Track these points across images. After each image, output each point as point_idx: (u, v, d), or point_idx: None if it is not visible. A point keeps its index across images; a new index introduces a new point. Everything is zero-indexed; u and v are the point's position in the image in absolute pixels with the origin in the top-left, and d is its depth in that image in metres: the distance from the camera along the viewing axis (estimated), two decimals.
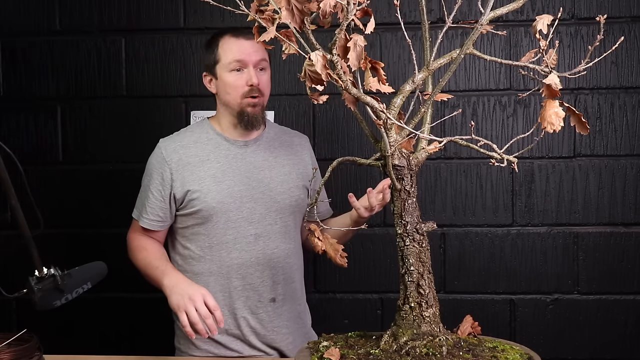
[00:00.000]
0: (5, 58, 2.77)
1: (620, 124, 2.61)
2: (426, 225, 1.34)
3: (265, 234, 2.02)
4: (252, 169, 2.04)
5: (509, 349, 1.32)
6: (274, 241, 2.03)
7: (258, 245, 2.01)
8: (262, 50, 1.99)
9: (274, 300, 2.04)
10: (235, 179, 2.02)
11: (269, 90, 2.06)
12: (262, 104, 2.02)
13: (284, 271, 2.05)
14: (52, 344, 1.72)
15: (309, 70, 1.23)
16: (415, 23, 2.58)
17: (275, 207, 2.03)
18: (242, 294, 2.02)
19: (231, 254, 2.00)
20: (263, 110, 2.04)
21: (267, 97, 2.06)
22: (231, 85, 1.98)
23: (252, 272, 2.01)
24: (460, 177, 2.66)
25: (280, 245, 2.04)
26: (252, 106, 1.99)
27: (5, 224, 1.66)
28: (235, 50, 1.98)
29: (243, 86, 1.98)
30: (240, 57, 1.97)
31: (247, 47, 1.98)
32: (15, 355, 1.46)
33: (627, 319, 2.62)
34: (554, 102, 1.21)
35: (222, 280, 2.01)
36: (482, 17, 1.24)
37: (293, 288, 2.09)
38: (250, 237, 2.01)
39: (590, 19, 2.60)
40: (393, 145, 1.30)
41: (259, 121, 2.02)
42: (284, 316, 2.06)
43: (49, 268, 1.52)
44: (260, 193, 2.02)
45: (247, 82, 1.97)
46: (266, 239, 2.02)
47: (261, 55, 1.99)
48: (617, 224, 2.62)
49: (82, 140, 2.75)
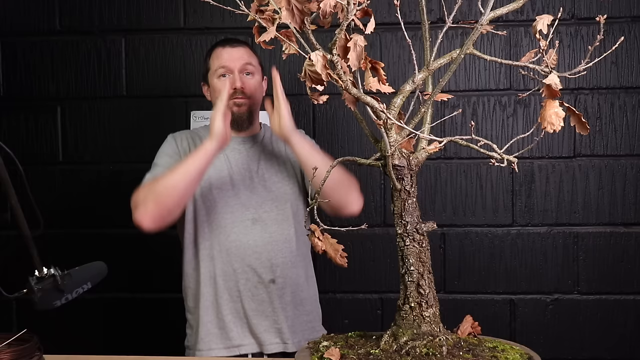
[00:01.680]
0: (5, 58, 2.77)
1: (620, 124, 2.61)
2: (426, 225, 1.34)
3: (262, 220, 2.10)
4: (249, 161, 2.15)
5: (509, 349, 1.32)
6: (272, 226, 2.10)
7: (255, 229, 2.08)
8: (248, 55, 2.15)
9: (273, 281, 2.08)
10: (233, 169, 2.12)
11: (258, 93, 2.17)
12: (247, 105, 2.14)
13: (283, 254, 2.10)
14: (52, 344, 1.72)
15: (309, 70, 1.23)
16: (415, 23, 2.58)
17: (270, 196, 2.12)
18: (243, 276, 2.08)
19: (230, 237, 2.07)
20: (250, 111, 2.15)
21: (257, 99, 2.17)
22: (218, 90, 2.12)
23: (251, 254, 2.07)
24: (460, 177, 2.66)
25: (278, 230, 2.10)
26: (237, 106, 2.12)
27: (5, 224, 1.66)
28: (221, 58, 2.13)
29: (228, 90, 2.09)
30: (224, 64, 2.12)
31: (231, 54, 2.13)
32: (15, 355, 1.46)
33: (627, 319, 2.62)
34: (554, 102, 1.21)
35: (223, 263, 2.08)
36: (482, 17, 1.24)
37: (295, 273, 2.12)
38: (248, 222, 2.08)
39: (590, 19, 2.60)
40: (393, 145, 1.30)
41: (244, 120, 2.15)
42: (284, 299, 2.10)
43: (49, 268, 1.52)
44: (256, 183, 2.12)
45: (231, 85, 2.09)
46: (263, 224, 2.09)
47: (246, 59, 2.13)
48: (617, 224, 2.62)
49: (82, 140, 2.75)
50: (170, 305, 2.68)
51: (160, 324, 2.71)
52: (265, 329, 2.08)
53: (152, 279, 2.75)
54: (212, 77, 2.14)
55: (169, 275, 2.55)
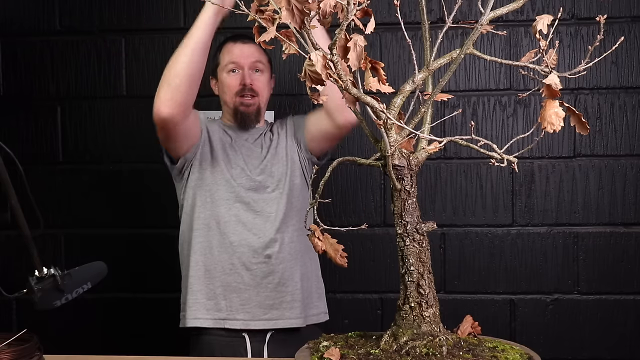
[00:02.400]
0: (5, 58, 2.77)
1: (620, 124, 2.61)
2: (426, 225, 1.34)
3: (263, 199, 2.11)
4: (251, 153, 2.16)
5: (509, 349, 1.32)
6: (271, 203, 2.11)
7: (257, 205, 2.10)
8: (259, 53, 2.16)
9: (269, 257, 2.07)
10: (234, 156, 2.14)
11: (266, 91, 2.19)
12: (257, 104, 2.16)
13: (281, 230, 2.09)
14: (52, 344, 1.72)
15: (309, 70, 1.23)
16: (415, 23, 2.58)
17: (270, 180, 2.13)
18: (238, 249, 2.07)
19: (230, 210, 2.09)
20: (259, 111, 2.17)
21: (265, 97, 2.19)
22: (227, 85, 2.15)
23: (250, 228, 2.08)
24: (460, 177, 2.66)
25: (277, 207, 2.10)
26: (245, 106, 2.14)
27: (5, 223, 1.66)
28: (231, 53, 2.15)
29: (237, 86, 2.14)
30: (234, 59, 2.14)
31: (242, 50, 2.15)
32: (15, 355, 1.46)
33: (627, 319, 2.62)
34: (554, 102, 1.21)
35: (220, 236, 2.09)
36: (482, 17, 1.24)
37: (294, 248, 2.11)
38: (248, 198, 2.10)
39: (590, 19, 2.60)
40: (393, 145, 1.30)
41: (252, 120, 2.17)
42: (279, 274, 2.08)
43: (49, 268, 1.52)
44: (259, 169, 2.13)
45: (240, 81, 2.12)
46: (262, 202, 2.10)
47: (257, 57, 2.15)
48: (617, 224, 2.62)
49: (82, 140, 2.75)
50: (170, 305, 2.67)
51: (160, 324, 2.70)
52: (256, 304, 2.07)
53: (152, 279, 2.75)
54: (222, 71, 2.16)
55: (169, 276, 2.54)
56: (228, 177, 2.11)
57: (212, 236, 2.09)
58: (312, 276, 2.19)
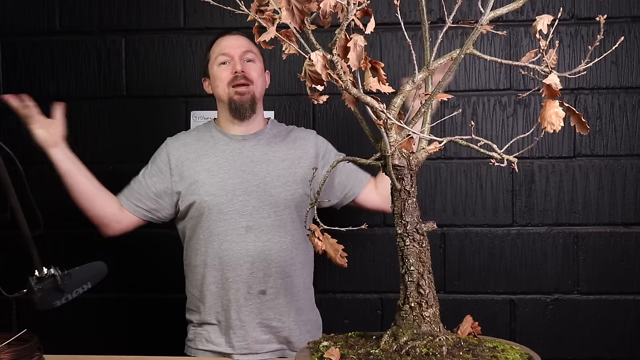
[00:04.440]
0: (5, 58, 2.77)
1: (620, 124, 2.61)
2: (426, 225, 1.34)
3: (257, 227, 2.05)
4: (249, 162, 2.09)
5: (509, 349, 1.32)
6: (267, 234, 2.05)
7: (249, 237, 2.04)
8: (248, 43, 2.13)
9: (263, 292, 2.04)
10: (230, 172, 2.08)
11: (261, 82, 2.14)
12: (251, 93, 2.10)
13: (277, 264, 2.05)
14: (52, 344, 1.72)
15: (309, 70, 1.23)
16: (415, 23, 2.58)
17: (269, 200, 2.06)
18: (233, 286, 2.04)
19: (222, 245, 2.04)
20: (253, 99, 2.11)
21: (260, 87, 2.13)
22: (219, 77, 2.11)
23: (242, 264, 2.04)
24: (460, 177, 2.66)
25: (273, 238, 2.05)
26: (239, 94, 2.08)
27: (5, 223, 1.66)
28: (220, 46, 2.13)
29: (228, 76, 2.09)
30: (224, 51, 2.11)
31: (231, 42, 2.13)
32: (15, 355, 1.46)
33: (627, 319, 2.62)
34: (554, 102, 1.21)
35: (216, 272, 2.06)
36: (482, 17, 1.24)
37: (289, 283, 2.08)
38: (242, 229, 2.04)
39: (590, 19, 2.60)
40: (393, 145, 1.30)
41: (246, 109, 2.10)
42: (276, 310, 2.06)
43: (49, 268, 1.52)
44: (254, 186, 2.07)
45: (232, 71, 2.08)
46: (258, 232, 2.05)
47: (246, 47, 2.12)
48: (617, 224, 2.62)
49: (82, 140, 2.75)
50: (170, 305, 2.67)
51: (160, 324, 2.70)
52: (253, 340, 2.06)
53: (152, 279, 2.74)
54: (213, 66, 2.13)
55: (169, 276, 2.55)
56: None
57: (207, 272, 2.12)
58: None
